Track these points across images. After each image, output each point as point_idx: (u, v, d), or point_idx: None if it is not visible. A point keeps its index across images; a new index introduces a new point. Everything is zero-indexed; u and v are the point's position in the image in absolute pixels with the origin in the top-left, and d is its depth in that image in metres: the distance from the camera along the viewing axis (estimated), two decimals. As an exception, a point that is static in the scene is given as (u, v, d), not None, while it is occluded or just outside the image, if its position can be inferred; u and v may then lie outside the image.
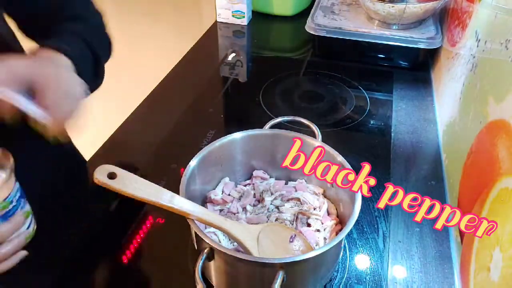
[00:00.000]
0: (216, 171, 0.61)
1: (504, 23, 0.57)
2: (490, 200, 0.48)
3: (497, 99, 0.53)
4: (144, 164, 0.72)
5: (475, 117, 0.61)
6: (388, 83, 0.95)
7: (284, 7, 1.22)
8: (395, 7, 0.94)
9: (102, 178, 0.43)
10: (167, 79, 0.96)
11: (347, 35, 1.00)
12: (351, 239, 0.59)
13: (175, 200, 0.47)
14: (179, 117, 0.84)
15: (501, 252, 0.43)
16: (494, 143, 0.51)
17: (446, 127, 0.77)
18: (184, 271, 0.55)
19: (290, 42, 1.21)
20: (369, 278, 0.55)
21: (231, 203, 0.58)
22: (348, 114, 0.85)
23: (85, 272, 0.55)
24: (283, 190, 0.60)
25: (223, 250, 0.44)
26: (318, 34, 1.01)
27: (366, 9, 1.02)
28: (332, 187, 0.59)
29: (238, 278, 0.49)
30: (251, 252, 0.47)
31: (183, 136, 0.79)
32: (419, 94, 0.92)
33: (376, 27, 1.01)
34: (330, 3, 1.14)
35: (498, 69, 0.56)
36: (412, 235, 0.60)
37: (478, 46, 0.67)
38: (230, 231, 0.48)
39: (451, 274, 0.56)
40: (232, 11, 1.18)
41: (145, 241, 0.59)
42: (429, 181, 0.70)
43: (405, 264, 0.57)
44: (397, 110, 0.87)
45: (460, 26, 0.82)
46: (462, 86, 0.71)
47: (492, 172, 0.49)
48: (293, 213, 0.57)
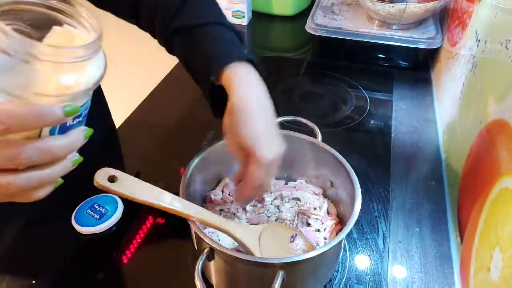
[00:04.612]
0: (216, 171, 0.61)
1: (504, 23, 0.57)
2: (490, 200, 0.48)
3: (497, 99, 0.53)
4: (144, 164, 0.72)
5: (475, 117, 0.61)
6: (388, 83, 0.95)
7: (284, 7, 1.22)
8: (395, 7, 0.94)
9: (103, 181, 0.42)
10: (167, 79, 0.96)
11: (347, 35, 1.00)
12: (351, 239, 0.59)
13: (176, 202, 0.46)
14: (179, 117, 0.84)
15: (501, 252, 0.43)
16: (494, 143, 0.51)
17: (446, 127, 0.77)
18: (184, 271, 0.55)
19: (290, 42, 1.21)
20: (369, 278, 0.55)
21: (231, 203, 0.58)
22: (348, 114, 0.85)
23: (85, 272, 0.55)
24: (283, 190, 0.60)
25: (223, 250, 0.44)
26: (318, 34, 1.01)
27: (366, 9, 1.02)
28: (332, 187, 0.59)
29: (238, 278, 0.49)
30: (253, 253, 0.47)
31: (183, 136, 0.79)
32: (419, 94, 0.92)
33: (376, 27, 1.01)
34: (330, 3, 1.14)
35: (498, 69, 0.56)
36: (412, 235, 0.60)
37: (478, 46, 0.67)
38: (231, 232, 0.48)
39: (451, 274, 0.56)
40: (232, 11, 1.18)
41: (145, 241, 0.59)
42: (429, 181, 0.70)
43: (405, 264, 0.57)
44: (397, 110, 0.87)
45: (460, 26, 0.82)
46: (462, 86, 0.71)
47: (492, 172, 0.49)
48: (293, 213, 0.57)
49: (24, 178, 0.31)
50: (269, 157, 0.46)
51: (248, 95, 0.48)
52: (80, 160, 0.35)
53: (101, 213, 0.60)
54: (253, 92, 0.49)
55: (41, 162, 0.31)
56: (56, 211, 0.62)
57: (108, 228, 0.59)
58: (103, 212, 0.60)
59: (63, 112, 0.29)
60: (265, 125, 0.48)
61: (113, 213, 0.60)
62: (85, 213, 0.60)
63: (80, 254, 0.57)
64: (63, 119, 0.30)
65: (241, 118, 0.47)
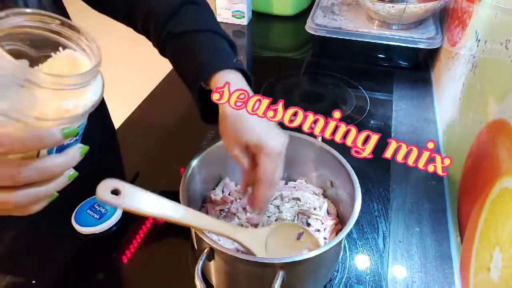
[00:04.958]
0: (216, 171, 0.61)
1: (504, 23, 0.57)
2: (490, 200, 0.48)
3: (497, 99, 0.53)
4: (144, 164, 0.72)
5: (475, 117, 0.61)
6: (388, 83, 0.95)
7: (284, 7, 1.22)
8: (395, 7, 0.94)
9: (106, 196, 0.39)
10: (167, 79, 0.96)
11: (347, 35, 1.00)
12: (351, 239, 0.59)
13: (186, 214, 0.45)
14: (179, 117, 0.84)
15: (501, 252, 0.43)
16: (494, 143, 0.51)
17: (446, 127, 0.77)
18: (184, 271, 0.55)
19: (290, 42, 1.21)
20: (369, 278, 0.55)
21: (231, 203, 0.58)
22: (348, 114, 0.85)
23: (85, 272, 0.55)
24: (283, 190, 0.60)
25: (223, 250, 0.44)
26: (318, 34, 1.01)
27: (366, 9, 1.02)
28: (332, 187, 0.59)
29: (238, 278, 0.49)
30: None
31: (183, 136, 0.79)
32: (419, 94, 0.92)
33: (376, 27, 1.01)
34: (330, 3, 1.14)
35: (498, 69, 0.56)
36: (412, 235, 0.60)
37: (478, 46, 0.67)
38: (241, 241, 0.48)
39: (451, 274, 0.56)
40: (232, 11, 1.18)
41: (145, 241, 0.59)
42: (429, 181, 0.70)
43: (405, 264, 0.57)
44: (397, 110, 0.87)
45: (460, 26, 0.82)
46: (462, 86, 0.71)
47: (492, 172, 0.49)
48: (293, 213, 0.57)
49: (22, 195, 0.32)
50: (278, 147, 0.47)
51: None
52: (75, 175, 0.36)
53: (101, 213, 0.60)
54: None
55: (40, 180, 0.32)
56: (56, 211, 0.62)
57: (108, 228, 0.59)
58: (103, 212, 0.60)
59: (62, 135, 0.30)
60: (262, 121, 0.48)
61: (113, 213, 0.60)
62: (85, 213, 0.60)
63: (80, 254, 0.57)
64: (61, 141, 0.31)
65: (239, 123, 0.47)
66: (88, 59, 0.33)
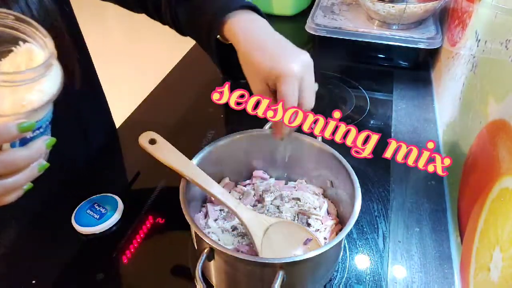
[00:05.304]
0: (216, 171, 0.61)
1: (504, 23, 0.57)
2: (490, 200, 0.48)
3: (497, 99, 0.53)
4: (144, 163, 0.72)
5: (475, 117, 0.61)
6: (388, 83, 0.95)
7: (284, 7, 1.22)
8: (395, 7, 0.94)
9: (145, 143, 0.51)
10: (168, 79, 0.96)
11: (347, 35, 1.00)
12: (351, 239, 0.59)
13: (197, 173, 0.51)
14: (179, 117, 0.84)
15: (501, 252, 0.43)
16: (494, 143, 0.51)
17: (446, 127, 0.77)
18: (184, 271, 0.55)
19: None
20: (369, 278, 0.55)
21: (231, 203, 0.58)
22: (348, 114, 0.85)
23: (85, 272, 0.55)
24: (283, 190, 0.60)
25: (223, 250, 0.44)
26: (318, 34, 1.01)
27: (366, 9, 1.02)
28: (332, 187, 0.59)
29: (238, 278, 0.49)
30: (253, 241, 0.48)
31: (183, 136, 0.79)
32: (419, 94, 0.92)
33: (376, 27, 1.01)
34: (330, 3, 1.14)
35: (498, 69, 0.56)
36: (412, 235, 0.60)
37: (478, 46, 0.67)
38: (239, 214, 0.50)
39: (451, 274, 0.56)
40: (232, 11, 1.18)
41: (145, 241, 0.59)
42: (429, 181, 0.70)
43: (405, 264, 0.57)
44: (397, 110, 0.87)
45: (460, 26, 0.82)
46: (462, 86, 0.71)
47: (492, 172, 0.49)
48: (293, 213, 0.57)
49: None
50: (295, 68, 0.46)
51: (254, 37, 0.48)
52: (46, 166, 0.37)
53: (101, 213, 0.60)
54: (258, 32, 0.49)
55: (5, 173, 0.33)
56: (56, 211, 0.63)
57: (108, 228, 0.59)
58: (103, 212, 0.60)
59: (18, 129, 0.31)
60: (275, 47, 0.47)
61: (113, 213, 0.60)
62: (85, 213, 0.60)
63: (80, 254, 0.57)
64: (19, 135, 0.32)
65: (252, 56, 0.46)
66: (44, 52, 0.34)
